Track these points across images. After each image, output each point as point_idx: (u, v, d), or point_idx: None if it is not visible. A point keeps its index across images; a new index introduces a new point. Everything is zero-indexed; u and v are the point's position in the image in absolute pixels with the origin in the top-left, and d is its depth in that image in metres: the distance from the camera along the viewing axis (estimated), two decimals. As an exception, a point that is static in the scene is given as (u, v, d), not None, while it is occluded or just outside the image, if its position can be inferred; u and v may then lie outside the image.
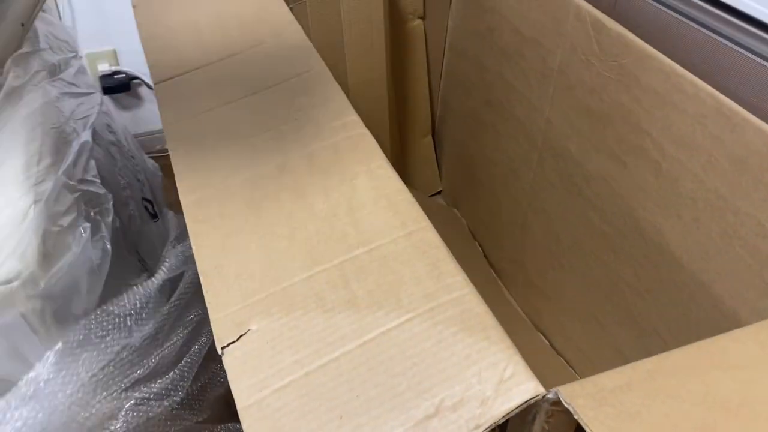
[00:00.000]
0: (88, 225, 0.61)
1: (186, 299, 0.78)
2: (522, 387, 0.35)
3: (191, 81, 0.63)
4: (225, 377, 0.85)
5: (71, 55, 0.83)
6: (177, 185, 0.52)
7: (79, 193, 0.62)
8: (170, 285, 0.76)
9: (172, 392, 0.75)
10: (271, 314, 0.42)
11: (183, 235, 0.85)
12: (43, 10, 0.81)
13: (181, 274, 0.77)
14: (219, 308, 0.43)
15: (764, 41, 0.60)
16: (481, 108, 1.02)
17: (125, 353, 0.67)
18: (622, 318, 0.80)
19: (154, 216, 0.93)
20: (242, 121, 0.57)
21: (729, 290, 0.63)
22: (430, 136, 1.16)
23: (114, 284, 0.68)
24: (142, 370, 0.70)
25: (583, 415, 0.33)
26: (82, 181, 0.65)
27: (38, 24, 0.79)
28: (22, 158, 0.59)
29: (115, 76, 1.38)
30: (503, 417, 0.35)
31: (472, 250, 1.12)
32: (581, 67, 0.76)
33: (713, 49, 0.65)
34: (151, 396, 0.72)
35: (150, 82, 1.47)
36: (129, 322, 0.68)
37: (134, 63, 1.40)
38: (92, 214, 0.64)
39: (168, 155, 0.53)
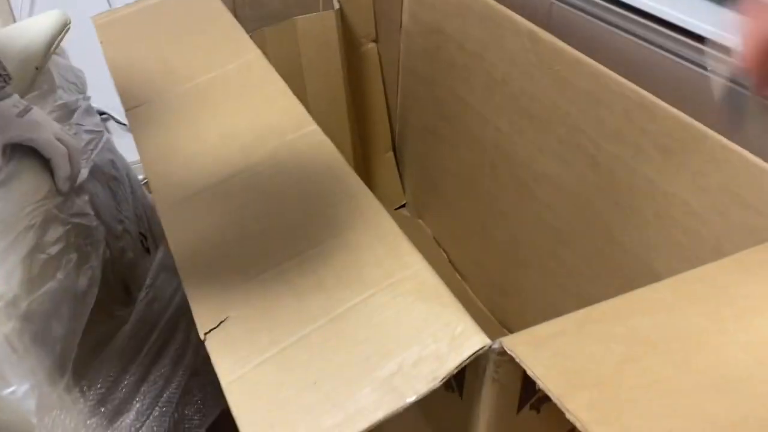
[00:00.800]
0: (75, 255, 0.64)
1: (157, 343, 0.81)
2: (471, 341, 0.41)
3: (165, 100, 0.68)
4: (201, 419, 0.87)
5: (80, 96, 0.87)
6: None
7: (69, 225, 0.66)
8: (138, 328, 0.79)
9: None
10: (248, 302, 0.47)
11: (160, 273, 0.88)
12: (56, 53, 0.86)
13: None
14: (199, 300, 0.47)
15: (677, 41, 0.68)
16: (436, 122, 1.08)
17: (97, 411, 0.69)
18: (579, 304, 0.86)
19: (147, 250, 0.97)
20: (210, 134, 0.62)
21: (666, 266, 0.69)
22: (391, 152, 1.23)
23: (100, 311, 0.71)
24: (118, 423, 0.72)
25: (523, 358, 0.38)
26: (75, 214, 0.69)
27: (50, 65, 0.84)
28: (23, 189, 0.63)
29: (83, 114, 1.42)
30: (456, 368, 0.40)
31: (437, 256, 1.18)
32: (522, 76, 0.83)
33: (635, 51, 0.72)
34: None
35: (119, 118, 1.51)
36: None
37: (103, 99, 1.43)
38: (83, 245, 0.68)
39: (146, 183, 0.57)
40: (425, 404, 0.53)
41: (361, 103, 1.16)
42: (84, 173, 0.75)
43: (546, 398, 0.45)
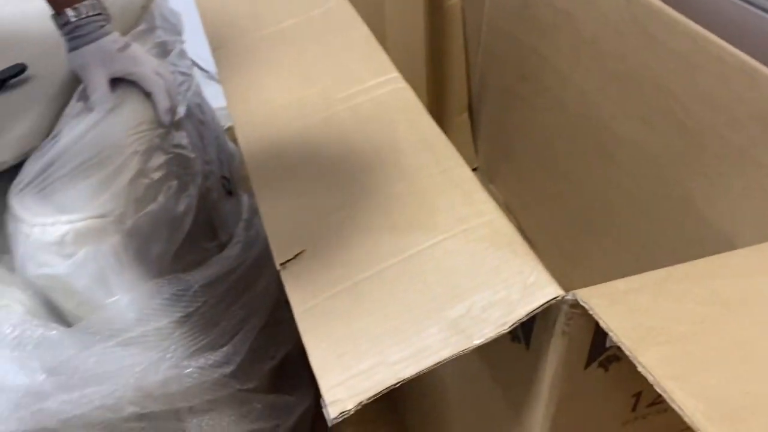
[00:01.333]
0: (175, 183, 0.68)
1: (246, 279, 0.85)
2: (544, 290, 0.40)
3: (250, 42, 0.69)
4: (275, 350, 0.92)
5: (176, 37, 0.91)
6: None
7: (171, 155, 0.70)
8: (234, 263, 0.83)
9: (224, 364, 0.81)
10: (323, 238, 0.48)
11: (253, 217, 0.92)
12: None
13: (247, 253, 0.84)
14: (277, 234, 0.49)
15: (786, 2, 0.63)
16: (516, 83, 1.06)
17: (189, 322, 0.74)
18: (651, 277, 0.83)
19: (229, 193, 1.01)
20: (293, 77, 0.63)
21: (749, 242, 0.66)
22: (466, 114, 1.21)
23: (189, 242, 0.75)
24: (203, 340, 0.77)
25: (597, 310, 0.37)
26: (176, 145, 0.72)
27: (153, 5, 0.88)
28: (128, 118, 0.67)
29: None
30: (527, 315, 0.39)
31: (507, 221, 1.16)
32: (613, 36, 0.80)
33: (736, 13, 0.68)
34: (207, 366, 0.78)
35: (202, 65, 1.55)
36: (197, 292, 0.75)
37: (188, 47, 1.48)
38: (182, 174, 0.72)
39: (227, 130, 0.59)
40: (490, 354, 0.53)
41: (439, 61, 1.15)
42: (181, 110, 0.78)
43: (615, 357, 0.45)
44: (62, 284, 0.61)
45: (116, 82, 0.73)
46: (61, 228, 0.58)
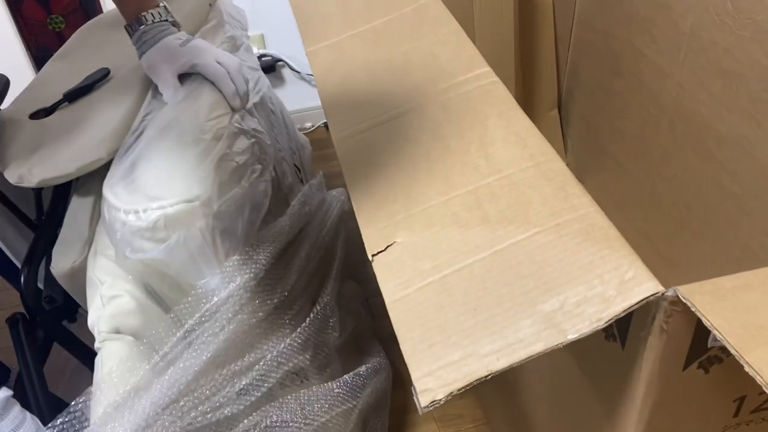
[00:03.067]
0: (259, 166, 0.70)
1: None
2: (642, 287, 0.39)
3: (343, 41, 0.71)
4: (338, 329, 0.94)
5: (243, 33, 0.94)
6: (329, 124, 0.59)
7: (253, 140, 0.73)
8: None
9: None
10: (413, 230, 0.48)
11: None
12: None
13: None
14: (369, 225, 0.50)
15: None
16: (609, 78, 1.03)
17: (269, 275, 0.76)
18: (755, 281, 0.79)
19: (301, 181, 1.03)
20: (385, 73, 0.64)
21: None
22: (556, 110, 1.18)
23: (268, 223, 0.77)
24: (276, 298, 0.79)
25: (700, 307, 0.36)
26: (255, 130, 0.75)
27: (220, 3, 0.92)
28: (202, 104, 0.70)
29: (263, 59, 1.52)
30: (623, 312, 0.38)
31: (597, 221, 1.13)
32: (714, 27, 0.76)
33: None
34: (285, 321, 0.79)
35: (293, 65, 1.60)
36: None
37: (279, 47, 1.53)
38: (262, 159, 0.74)
39: (308, 133, 0.61)
40: (582, 351, 0.52)
41: (529, 56, 1.13)
42: (255, 98, 0.81)
43: (717, 359, 0.43)
44: (157, 268, 0.65)
45: (185, 76, 0.77)
46: (154, 213, 0.61)
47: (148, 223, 0.61)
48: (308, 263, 0.82)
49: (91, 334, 0.67)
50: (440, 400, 0.38)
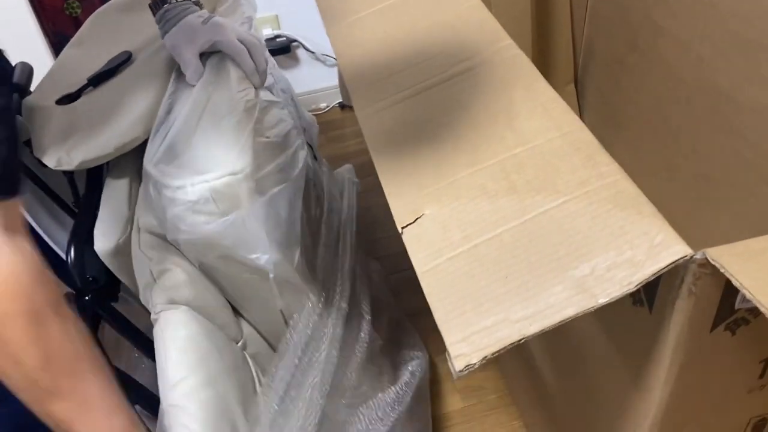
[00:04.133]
0: (297, 140, 0.72)
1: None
2: (671, 250, 0.40)
3: (362, 19, 0.71)
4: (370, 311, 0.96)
5: (253, 13, 0.95)
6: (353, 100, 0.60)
7: (285, 110, 0.74)
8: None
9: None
10: (441, 202, 0.49)
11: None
12: None
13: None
14: (397, 198, 0.51)
15: None
16: (626, 52, 1.03)
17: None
18: (775, 251, 0.79)
19: (315, 158, 1.04)
20: (407, 48, 0.65)
21: None
22: (572, 85, 1.18)
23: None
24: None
25: (729, 268, 0.37)
26: (282, 104, 0.77)
27: None
28: (228, 81, 0.72)
29: (277, 39, 1.53)
30: (653, 275, 0.39)
31: (614, 195, 1.13)
32: (734, -3, 0.76)
33: None
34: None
35: (308, 45, 1.60)
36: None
37: (294, 27, 1.53)
38: (294, 134, 0.76)
39: (323, 113, 0.62)
40: (609, 318, 0.53)
41: (545, 31, 1.12)
42: (270, 79, 0.82)
43: (744, 320, 0.44)
44: (210, 242, 0.67)
45: (208, 54, 0.78)
46: (202, 187, 0.63)
47: (198, 197, 0.64)
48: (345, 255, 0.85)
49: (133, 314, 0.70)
50: (475, 364, 0.39)
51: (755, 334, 0.44)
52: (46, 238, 0.89)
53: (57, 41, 1.45)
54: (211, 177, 0.64)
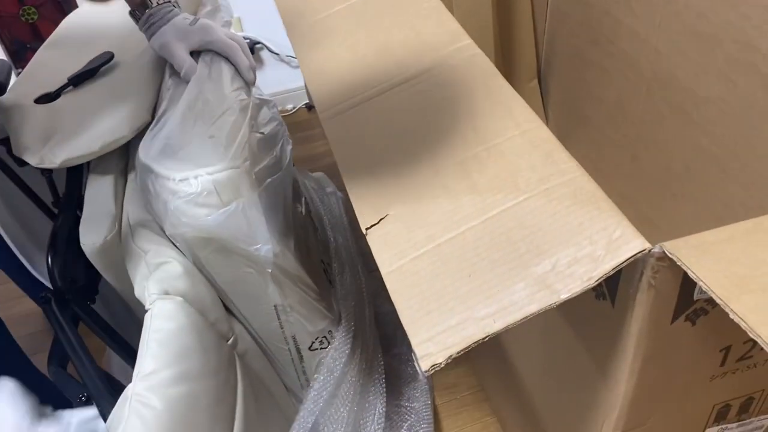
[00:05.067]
0: (285, 136, 0.73)
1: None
2: (630, 245, 0.40)
3: (322, 20, 0.71)
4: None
5: (229, 17, 0.96)
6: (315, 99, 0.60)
7: (275, 108, 0.75)
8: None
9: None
10: (405, 202, 0.49)
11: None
12: None
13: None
14: (361, 199, 0.51)
15: None
16: (587, 47, 1.04)
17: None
18: (735, 239, 0.81)
19: None
20: (368, 49, 0.65)
21: None
22: (536, 81, 1.19)
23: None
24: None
25: (686, 261, 0.37)
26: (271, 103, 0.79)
27: None
28: (222, 79, 0.74)
29: (240, 42, 1.52)
30: (613, 269, 0.40)
31: (580, 188, 1.15)
32: (689, -9, 0.77)
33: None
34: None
35: (272, 47, 1.59)
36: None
37: (257, 30, 1.52)
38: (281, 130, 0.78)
39: (290, 115, 0.63)
40: (573, 314, 0.54)
41: (507, 28, 1.13)
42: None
43: (703, 311, 0.44)
44: (210, 235, 0.67)
45: (198, 54, 0.79)
46: (205, 179, 0.64)
47: (201, 189, 0.64)
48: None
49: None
50: (440, 363, 0.40)
51: (714, 324, 0.45)
52: (8, 242, 0.88)
53: (14, 49, 1.42)
54: (213, 169, 0.65)
